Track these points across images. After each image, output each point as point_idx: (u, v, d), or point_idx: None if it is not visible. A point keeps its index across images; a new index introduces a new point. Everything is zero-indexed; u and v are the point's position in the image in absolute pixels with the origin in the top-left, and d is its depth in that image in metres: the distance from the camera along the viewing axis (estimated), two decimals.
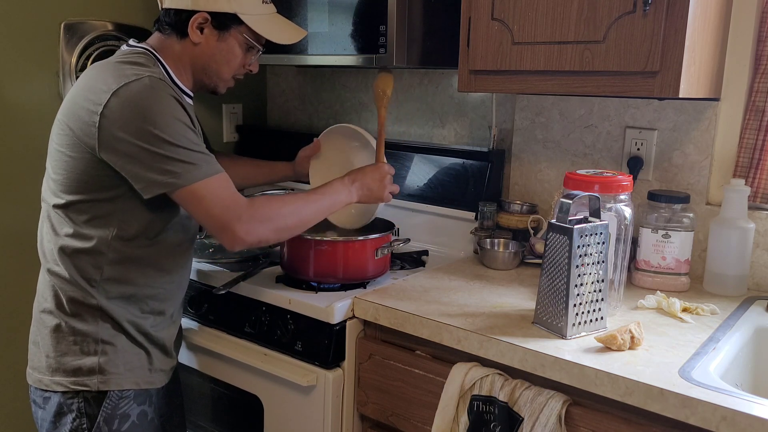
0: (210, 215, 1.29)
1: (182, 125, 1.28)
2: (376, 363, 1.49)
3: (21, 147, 1.87)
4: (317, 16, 1.79)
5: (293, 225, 1.40)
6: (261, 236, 1.34)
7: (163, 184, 1.26)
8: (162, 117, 1.25)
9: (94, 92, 1.27)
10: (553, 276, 1.31)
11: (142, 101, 1.24)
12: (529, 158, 1.93)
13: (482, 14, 1.55)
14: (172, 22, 1.39)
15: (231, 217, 1.29)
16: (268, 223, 1.35)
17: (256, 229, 1.32)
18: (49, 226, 1.37)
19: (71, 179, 1.31)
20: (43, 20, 1.89)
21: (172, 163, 1.25)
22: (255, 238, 1.33)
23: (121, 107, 1.24)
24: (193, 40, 1.39)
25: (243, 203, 1.32)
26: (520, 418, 1.23)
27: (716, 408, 1.04)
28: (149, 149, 1.24)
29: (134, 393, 1.39)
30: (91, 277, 1.33)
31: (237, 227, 1.29)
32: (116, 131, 1.24)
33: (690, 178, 1.68)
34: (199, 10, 1.37)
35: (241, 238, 1.30)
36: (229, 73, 1.47)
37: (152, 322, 1.42)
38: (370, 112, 2.27)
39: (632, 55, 1.36)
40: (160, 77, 1.30)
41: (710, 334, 1.32)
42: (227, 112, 2.44)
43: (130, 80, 1.26)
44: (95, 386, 1.34)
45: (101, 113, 1.24)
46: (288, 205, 1.40)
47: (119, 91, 1.25)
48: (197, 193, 1.28)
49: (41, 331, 1.38)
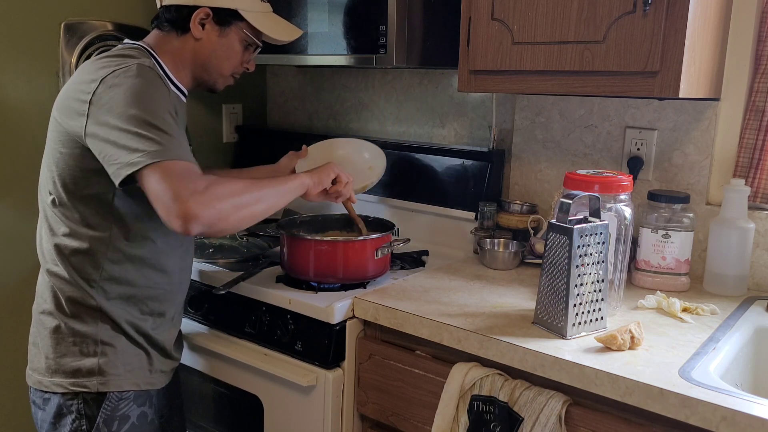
0: (163, 190, 1.18)
1: (163, 109, 1.25)
2: (376, 363, 1.49)
3: (21, 147, 1.87)
4: (317, 16, 1.79)
5: (248, 201, 1.28)
6: (219, 211, 1.21)
7: (129, 164, 1.19)
8: (143, 99, 1.23)
9: (83, 83, 1.28)
10: (553, 276, 1.31)
11: (127, 86, 1.24)
12: (529, 158, 1.93)
13: (482, 14, 1.55)
14: (172, 18, 1.40)
15: (185, 189, 1.18)
16: (228, 198, 1.24)
17: (215, 204, 1.20)
18: (46, 225, 1.37)
19: (64, 175, 1.31)
20: (43, 20, 1.89)
21: (143, 141, 1.20)
22: (215, 213, 1.20)
23: (107, 93, 1.24)
24: (194, 35, 1.40)
25: (202, 179, 1.23)
26: (520, 418, 1.23)
27: (716, 408, 1.04)
28: (126, 129, 1.20)
29: (134, 394, 1.39)
30: (90, 277, 1.33)
31: (191, 199, 1.17)
32: (101, 116, 1.23)
33: (690, 178, 1.68)
34: (201, 6, 1.39)
35: (194, 213, 1.17)
36: (229, 69, 1.49)
37: (152, 324, 1.41)
38: (370, 112, 2.27)
39: (632, 55, 1.36)
40: (149, 66, 1.30)
41: (710, 334, 1.32)
42: (227, 113, 2.44)
43: (118, 68, 1.27)
44: (95, 387, 1.34)
45: (90, 101, 1.24)
46: (240, 182, 1.30)
47: (106, 78, 1.25)
48: (157, 172, 1.18)
49: (41, 332, 1.38)
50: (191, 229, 1.19)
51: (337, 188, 1.53)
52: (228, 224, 1.25)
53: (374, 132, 2.26)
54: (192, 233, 1.19)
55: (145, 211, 1.33)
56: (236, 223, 1.27)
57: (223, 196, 1.23)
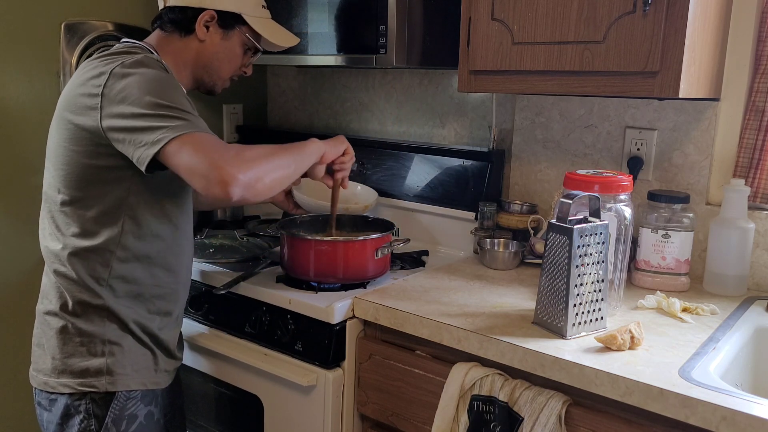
0: (197, 160, 1.19)
1: (178, 92, 1.28)
2: (376, 363, 1.49)
3: (22, 146, 1.88)
4: (317, 16, 1.79)
5: (276, 164, 1.30)
6: (256, 172, 1.23)
7: (154, 143, 1.20)
8: (157, 85, 1.25)
9: (91, 79, 1.28)
10: (553, 276, 1.31)
11: (138, 75, 1.25)
12: (529, 158, 1.93)
13: (482, 14, 1.55)
14: (176, 19, 1.42)
15: (220, 156, 1.20)
16: (260, 160, 1.26)
17: (249, 166, 1.22)
18: (53, 226, 1.36)
19: (76, 174, 1.31)
20: (44, 20, 1.89)
21: (164, 120, 1.21)
22: (252, 174, 1.22)
23: (119, 83, 1.25)
24: (199, 37, 1.43)
25: (230, 147, 1.26)
26: (520, 418, 1.23)
27: (716, 408, 1.04)
28: (144, 113, 1.21)
29: (141, 393, 1.39)
30: (99, 275, 1.33)
31: (228, 164, 1.19)
32: (116, 106, 1.24)
33: (690, 178, 1.68)
34: (207, 8, 1.41)
35: (233, 176, 1.19)
36: (229, 72, 1.52)
37: (159, 323, 1.42)
38: (370, 112, 2.27)
39: (632, 55, 1.36)
40: (156, 59, 1.33)
41: (710, 334, 1.32)
42: (228, 113, 2.45)
43: (126, 60, 1.28)
44: (103, 387, 1.34)
45: (101, 93, 1.25)
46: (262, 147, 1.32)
47: (115, 70, 1.26)
48: (186, 144, 1.20)
49: (46, 333, 1.38)
50: (233, 193, 1.19)
51: (343, 159, 1.52)
52: (264, 185, 1.26)
53: (374, 132, 2.26)
54: (234, 197, 1.20)
55: (159, 208, 1.35)
56: (271, 184, 1.29)
57: (255, 158, 1.25)
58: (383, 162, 2.10)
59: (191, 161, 1.19)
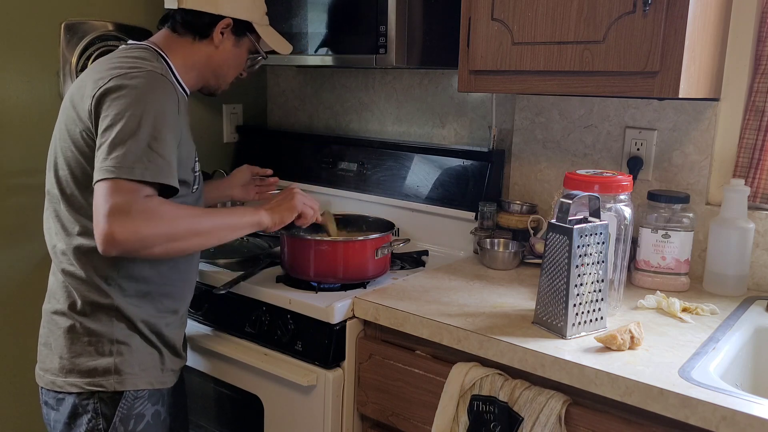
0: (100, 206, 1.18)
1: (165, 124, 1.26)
2: (376, 363, 1.49)
3: (22, 146, 1.87)
4: (317, 16, 1.79)
5: (184, 233, 1.26)
6: (143, 239, 1.19)
7: (103, 170, 1.20)
8: (150, 110, 1.24)
9: (99, 78, 1.29)
10: (553, 276, 1.31)
11: (137, 90, 1.25)
12: (529, 158, 1.93)
13: (482, 14, 1.55)
14: (192, 22, 1.43)
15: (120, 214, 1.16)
16: (158, 222, 1.21)
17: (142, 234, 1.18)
18: (59, 225, 1.36)
19: (79, 173, 1.31)
20: (44, 20, 1.89)
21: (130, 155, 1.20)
22: (138, 243, 1.18)
23: (118, 89, 1.25)
24: (215, 43, 1.45)
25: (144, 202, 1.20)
26: (520, 418, 1.23)
27: (716, 408, 1.04)
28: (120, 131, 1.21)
29: (149, 393, 1.39)
30: (108, 275, 1.33)
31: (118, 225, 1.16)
32: (106, 109, 1.24)
33: (690, 178, 1.68)
34: (225, 16, 1.44)
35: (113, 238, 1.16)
36: (233, 76, 1.56)
37: (167, 322, 1.42)
38: (370, 112, 2.27)
39: (632, 56, 1.36)
40: (161, 72, 1.31)
41: (710, 334, 1.33)
42: (228, 113, 2.45)
43: (132, 71, 1.28)
44: (111, 386, 1.34)
45: (100, 93, 1.26)
46: (186, 211, 1.29)
47: (119, 77, 1.27)
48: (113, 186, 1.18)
49: (54, 332, 1.38)
50: (107, 252, 1.19)
51: (301, 223, 1.53)
52: (153, 253, 1.24)
53: (374, 132, 2.26)
54: (109, 254, 1.19)
55: None
56: (162, 253, 1.26)
57: (156, 224, 1.21)
58: (383, 162, 2.10)
59: (98, 202, 1.19)
